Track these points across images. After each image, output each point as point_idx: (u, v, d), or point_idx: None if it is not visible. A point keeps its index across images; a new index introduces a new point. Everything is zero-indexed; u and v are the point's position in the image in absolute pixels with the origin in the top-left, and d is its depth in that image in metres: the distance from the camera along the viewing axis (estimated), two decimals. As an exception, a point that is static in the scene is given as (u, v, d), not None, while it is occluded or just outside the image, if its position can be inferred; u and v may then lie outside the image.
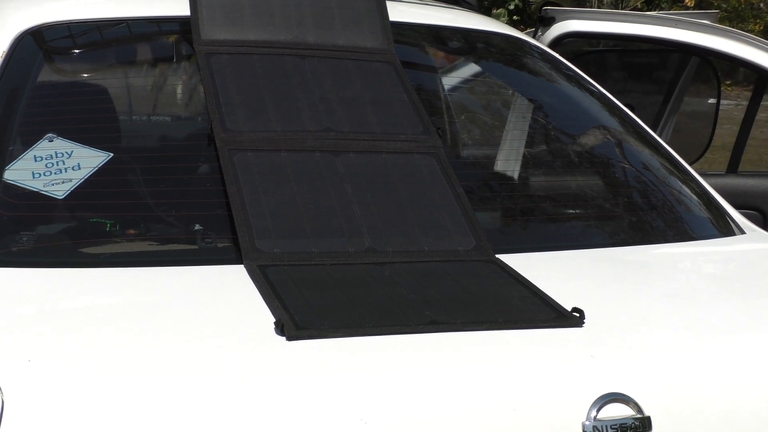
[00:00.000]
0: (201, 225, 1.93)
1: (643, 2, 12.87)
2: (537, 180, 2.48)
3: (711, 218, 2.38)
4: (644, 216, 2.34)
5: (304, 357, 1.49)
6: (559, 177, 2.45)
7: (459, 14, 2.83)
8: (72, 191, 1.89)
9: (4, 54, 2.15)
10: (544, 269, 1.90)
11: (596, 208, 2.33)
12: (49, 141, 1.98)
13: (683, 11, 5.54)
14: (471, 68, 2.93)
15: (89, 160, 1.95)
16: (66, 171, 1.91)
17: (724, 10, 13.24)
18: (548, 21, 3.65)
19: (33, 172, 1.91)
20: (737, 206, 2.48)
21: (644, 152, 2.54)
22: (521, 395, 1.49)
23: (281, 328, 1.52)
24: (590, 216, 2.32)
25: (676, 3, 13.30)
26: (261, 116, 2.06)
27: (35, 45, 2.27)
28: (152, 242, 1.93)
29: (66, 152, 1.95)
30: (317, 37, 2.27)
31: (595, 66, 4.18)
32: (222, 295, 1.73)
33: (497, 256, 1.89)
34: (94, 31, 2.38)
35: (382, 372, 1.50)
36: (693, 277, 2.11)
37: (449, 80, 2.86)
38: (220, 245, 1.92)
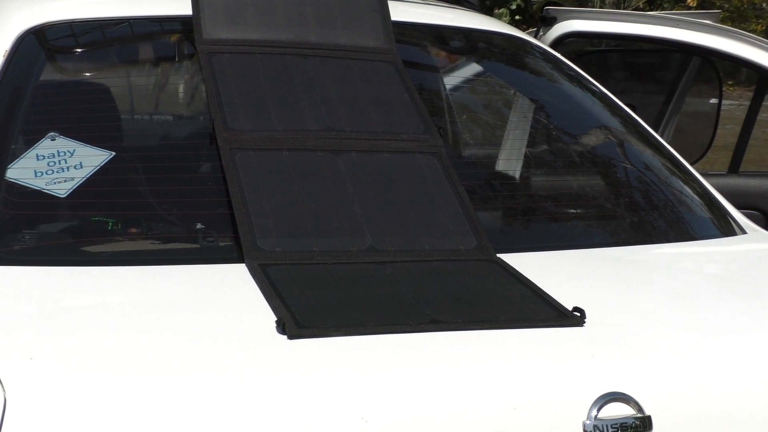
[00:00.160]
0: (202, 224, 1.93)
1: (645, 2, 12.86)
2: (538, 179, 2.48)
3: (712, 218, 2.38)
4: (645, 216, 2.34)
5: (306, 355, 1.49)
6: (561, 177, 2.46)
7: (461, 14, 2.83)
8: (74, 190, 1.89)
9: (7, 53, 2.15)
10: (545, 269, 1.90)
11: (597, 208, 2.34)
12: (52, 140, 1.98)
13: (685, 11, 5.54)
14: (472, 68, 2.93)
15: (91, 159, 1.96)
16: (68, 170, 1.92)
17: (726, 10, 13.23)
18: (550, 21, 3.65)
19: (35, 171, 1.91)
20: (738, 206, 2.48)
21: (646, 152, 2.54)
22: (522, 394, 1.49)
23: (282, 327, 1.53)
24: (591, 216, 2.32)
25: (678, 3, 13.29)
26: (263, 115, 2.06)
27: (38, 44, 2.28)
28: (154, 241, 1.93)
29: (68, 151, 1.96)
30: (319, 37, 2.27)
31: (597, 66, 4.18)
32: (223, 294, 1.73)
33: (498, 256, 1.89)
34: (97, 31, 2.38)
35: (383, 371, 1.50)
36: (694, 277, 2.11)
37: (451, 80, 2.87)
38: (222, 244, 1.92)
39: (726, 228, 2.32)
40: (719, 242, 2.26)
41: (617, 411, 1.49)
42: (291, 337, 1.51)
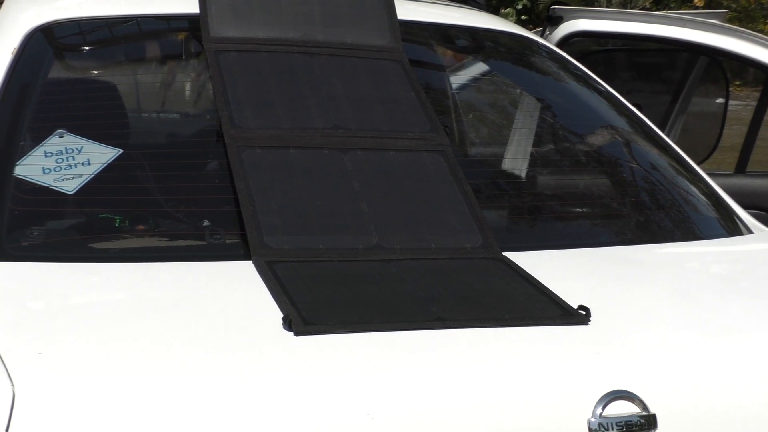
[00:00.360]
0: (210, 221, 1.94)
1: (652, 2, 12.84)
2: (544, 178, 2.48)
3: (719, 218, 2.38)
4: (652, 215, 2.34)
5: (312, 352, 1.50)
6: (567, 176, 2.46)
7: (467, 13, 2.83)
8: (82, 187, 1.90)
9: (15, 51, 2.16)
10: (551, 267, 1.90)
11: (603, 207, 2.34)
12: (60, 137, 1.99)
13: (692, 11, 5.53)
14: (479, 67, 2.93)
15: (99, 156, 1.96)
16: (76, 167, 1.93)
17: (734, 10, 13.20)
18: (556, 20, 3.65)
19: (43, 168, 1.92)
20: (745, 206, 2.48)
21: (652, 152, 2.54)
22: (527, 392, 1.50)
23: (289, 324, 1.53)
24: (597, 215, 2.32)
25: (685, 2, 13.26)
26: (269, 113, 2.07)
27: (46, 42, 2.28)
28: (161, 238, 1.94)
29: (76, 148, 1.96)
30: (326, 35, 2.28)
31: (603, 65, 4.17)
32: (230, 291, 1.74)
33: (504, 254, 1.89)
34: (104, 29, 2.39)
35: (389, 368, 1.50)
36: (700, 277, 2.11)
37: (457, 79, 2.87)
38: (229, 241, 1.92)
39: (732, 228, 2.32)
40: (725, 242, 2.26)
41: (622, 409, 1.49)
42: (297, 334, 1.52)
